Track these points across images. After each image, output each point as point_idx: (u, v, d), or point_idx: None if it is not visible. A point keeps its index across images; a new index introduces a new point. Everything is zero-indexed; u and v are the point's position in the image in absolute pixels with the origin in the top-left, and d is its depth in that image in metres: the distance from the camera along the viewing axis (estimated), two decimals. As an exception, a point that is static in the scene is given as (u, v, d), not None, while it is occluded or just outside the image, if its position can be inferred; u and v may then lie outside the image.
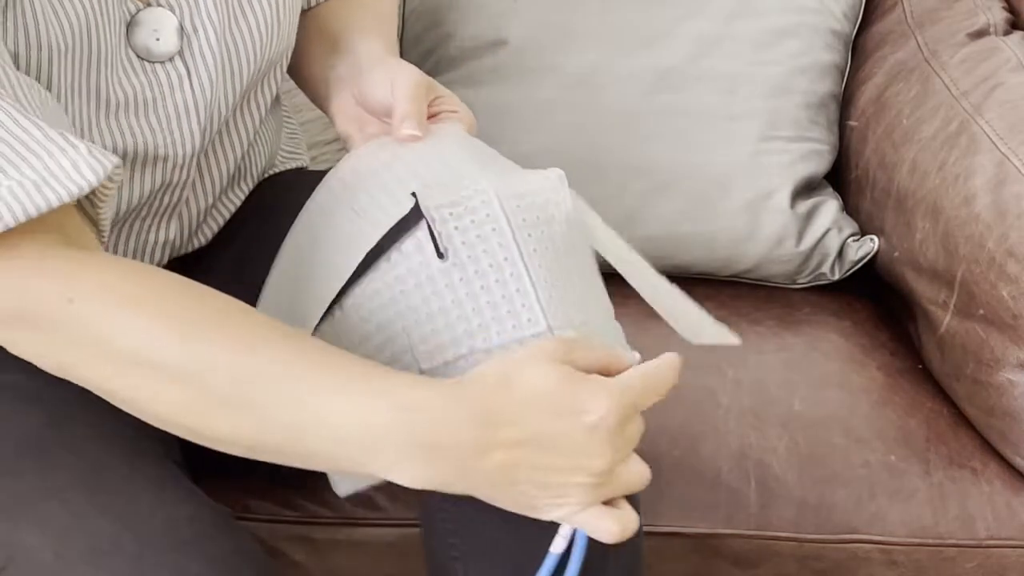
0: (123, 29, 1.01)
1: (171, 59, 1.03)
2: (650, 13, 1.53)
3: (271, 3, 1.07)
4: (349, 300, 0.95)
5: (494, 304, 0.91)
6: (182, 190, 1.09)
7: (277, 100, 1.21)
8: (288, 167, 1.27)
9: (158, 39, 1.02)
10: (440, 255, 0.91)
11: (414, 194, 0.92)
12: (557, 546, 0.89)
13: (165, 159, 1.05)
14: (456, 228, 0.91)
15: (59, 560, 0.88)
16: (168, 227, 1.11)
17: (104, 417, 1.00)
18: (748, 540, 1.22)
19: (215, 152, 1.12)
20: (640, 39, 1.52)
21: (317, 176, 1.27)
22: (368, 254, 0.93)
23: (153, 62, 1.03)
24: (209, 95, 1.05)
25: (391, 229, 0.93)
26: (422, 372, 0.92)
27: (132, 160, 1.04)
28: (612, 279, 1.03)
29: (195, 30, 1.04)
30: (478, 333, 0.91)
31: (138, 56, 1.02)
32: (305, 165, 1.30)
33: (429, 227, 0.91)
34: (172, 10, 1.03)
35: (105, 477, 0.94)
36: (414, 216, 0.93)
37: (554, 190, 0.95)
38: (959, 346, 1.30)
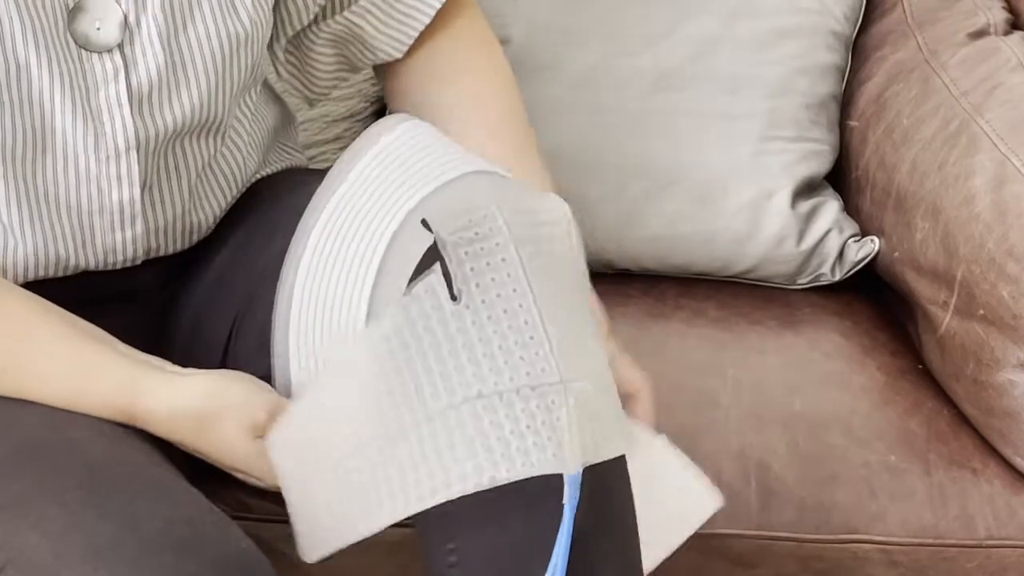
0: (64, 13, 1.01)
1: (109, 51, 1.03)
2: (651, 13, 1.53)
3: (217, 24, 1.06)
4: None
5: (507, 350, 0.91)
6: (131, 187, 1.07)
7: (261, 111, 1.19)
8: (282, 167, 1.25)
9: (99, 28, 1.02)
10: (454, 297, 0.91)
11: (428, 229, 0.92)
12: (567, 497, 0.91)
13: (96, 149, 1.04)
14: (472, 270, 0.91)
15: (58, 561, 0.88)
16: (133, 228, 1.09)
17: (103, 418, 1.01)
18: (748, 540, 1.22)
19: (177, 157, 1.10)
20: (641, 39, 1.52)
21: (311, 174, 1.25)
22: (375, 296, 0.94)
23: (91, 51, 1.03)
24: (147, 91, 1.05)
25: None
26: (429, 417, 0.92)
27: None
28: (612, 279, 1.04)
29: (139, 26, 1.04)
30: (489, 377, 0.90)
31: (76, 43, 1.02)
32: (301, 164, 1.29)
33: (443, 267, 0.91)
34: (119, 2, 1.03)
35: (104, 478, 0.94)
36: (427, 257, 0.92)
37: (565, 221, 0.95)
38: (959, 346, 1.30)
